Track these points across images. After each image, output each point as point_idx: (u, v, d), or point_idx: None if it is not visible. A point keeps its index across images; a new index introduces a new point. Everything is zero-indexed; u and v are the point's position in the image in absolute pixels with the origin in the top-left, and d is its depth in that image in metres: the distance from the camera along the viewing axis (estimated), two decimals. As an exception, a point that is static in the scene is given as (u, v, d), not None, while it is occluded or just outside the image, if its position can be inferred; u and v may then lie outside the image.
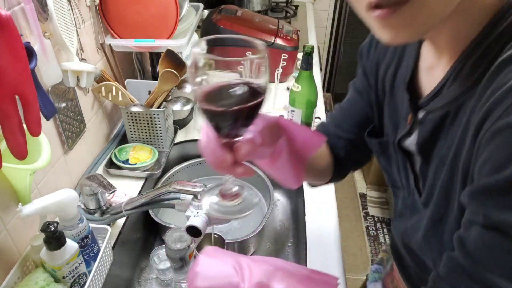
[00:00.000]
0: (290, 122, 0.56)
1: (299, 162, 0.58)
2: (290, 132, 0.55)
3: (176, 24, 1.07)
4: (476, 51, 0.43)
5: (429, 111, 0.51)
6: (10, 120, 0.55)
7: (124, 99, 1.06)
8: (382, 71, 0.62)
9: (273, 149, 0.54)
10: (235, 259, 0.57)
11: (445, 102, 0.48)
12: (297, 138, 0.56)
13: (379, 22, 0.40)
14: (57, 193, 0.69)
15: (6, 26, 0.52)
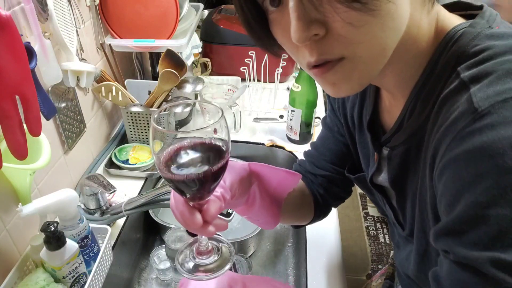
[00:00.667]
0: (262, 165, 0.57)
1: (274, 204, 0.60)
2: (263, 176, 0.57)
3: (176, 24, 1.07)
4: (422, 90, 0.45)
5: (392, 148, 0.53)
6: (10, 120, 0.55)
7: (124, 99, 1.06)
8: (349, 109, 0.63)
9: (246, 198, 0.55)
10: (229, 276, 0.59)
11: (405, 138, 0.49)
12: (271, 180, 0.57)
13: (319, 79, 0.42)
14: (57, 193, 0.69)
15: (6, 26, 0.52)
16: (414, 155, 0.49)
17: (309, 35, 0.37)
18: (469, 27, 0.42)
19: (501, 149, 0.33)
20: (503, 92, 0.35)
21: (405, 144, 0.50)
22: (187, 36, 1.12)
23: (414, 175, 0.50)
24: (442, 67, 0.43)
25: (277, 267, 1.02)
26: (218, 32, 1.43)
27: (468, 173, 0.35)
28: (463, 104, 0.37)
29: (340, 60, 0.39)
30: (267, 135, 1.24)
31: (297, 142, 1.20)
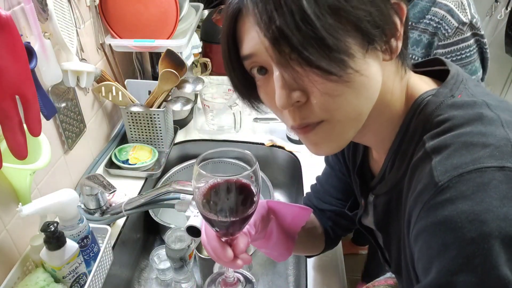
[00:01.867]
0: (278, 203, 0.62)
1: (289, 238, 0.64)
2: (278, 212, 0.62)
3: (176, 24, 1.07)
4: (399, 149, 0.49)
5: (376, 196, 0.57)
6: (10, 120, 0.55)
7: (124, 99, 1.06)
8: (346, 153, 0.67)
9: (264, 233, 0.61)
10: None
11: (386, 189, 0.53)
12: (286, 216, 0.62)
13: (302, 138, 0.47)
14: (57, 193, 0.69)
15: (6, 26, 0.52)
16: (395, 205, 0.53)
17: (291, 102, 0.42)
18: (433, 96, 0.46)
19: (459, 222, 0.36)
20: (459, 166, 0.38)
21: (387, 194, 0.54)
22: (187, 36, 1.12)
23: (397, 223, 0.53)
24: (413, 131, 0.47)
25: (277, 267, 1.02)
26: (218, 32, 1.43)
27: (436, 243, 0.38)
28: (427, 176, 0.40)
29: (320, 122, 0.43)
30: (267, 135, 1.24)
31: (297, 142, 1.20)
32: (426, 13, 1.08)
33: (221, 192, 0.46)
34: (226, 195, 0.46)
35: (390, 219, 0.55)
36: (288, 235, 0.64)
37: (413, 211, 0.42)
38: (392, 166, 0.51)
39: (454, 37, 1.05)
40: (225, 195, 0.46)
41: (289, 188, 1.25)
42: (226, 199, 0.46)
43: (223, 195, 0.46)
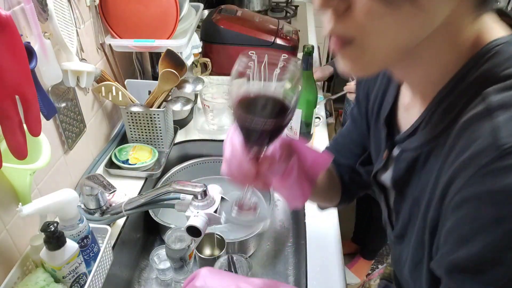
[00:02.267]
0: (301, 143, 0.58)
1: (307, 182, 0.61)
2: (300, 152, 0.58)
3: (176, 24, 1.07)
4: (445, 99, 0.43)
5: (403, 150, 0.52)
6: (10, 120, 0.55)
7: (124, 99, 1.06)
8: (371, 101, 0.63)
9: (285, 167, 0.57)
10: (236, 285, 0.56)
11: (417, 144, 0.48)
12: (307, 157, 0.58)
13: (335, 50, 0.42)
14: (57, 193, 0.69)
15: (6, 26, 0.52)
16: (422, 164, 0.48)
17: (329, 4, 0.38)
18: (505, 44, 0.40)
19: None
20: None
21: (416, 150, 0.49)
22: (187, 36, 1.12)
23: (418, 183, 0.49)
24: (470, 82, 0.41)
25: (277, 267, 1.02)
26: (218, 32, 1.43)
27: (488, 214, 0.34)
28: (487, 137, 0.36)
29: (350, 42, 0.39)
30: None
31: (297, 142, 1.20)
32: None
33: (258, 97, 0.46)
34: (264, 101, 0.46)
35: (411, 178, 0.51)
36: (307, 178, 0.61)
37: (459, 174, 0.38)
38: (429, 121, 0.46)
39: None
40: (263, 101, 0.46)
41: (289, 188, 1.25)
42: (263, 102, 0.47)
43: (261, 98, 0.47)
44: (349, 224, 1.99)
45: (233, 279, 0.57)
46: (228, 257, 0.86)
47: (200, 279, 0.58)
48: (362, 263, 1.94)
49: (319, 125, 1.29)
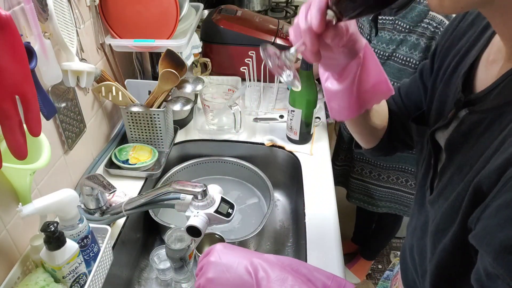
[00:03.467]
0: (373, 55, 0.54)
1: (358, 100, 0.57)
2: (367, 64, 0.54)
3: (176, 24, 1.07)
4: None
5: (471, 111, 0.48)
6: (10, 120, 0.55)
7: (124, 99, 1.06)
8: (451, 55, 0.58)
9: (344, 67, 0.53)
10: (249, 260, 0.53)
11: (487, 107, 0.45)
12: (370, 75, 0.54)
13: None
14: (57, 193, 0.69)
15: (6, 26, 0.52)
16: (482, 129, 0.45)
17: None
18: None
19: None
20: None
21: (483, 113, 0.45)
22: (187, 36, 1.12)
23: (471, 148, 0.46)
24: None
25: (277, 267, 1.02)
26: (218, 32, 1.43)
27: None
28: None
29: None
30: (267, 135, 1.24)
31: (297, 142, 1.20)
32: (424, 17, 1.08)
33: None
34: None
35: (466, 142, 0.48)
36: (359, 98, 0.57)
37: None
38: (507, 85, 0.43)
39: None
40: None
41: (289, 188, 1.25)
42: None
43: None
44: (349, 224, 1.99)
45: (246, 254, 0.55)
46: (228, 257, 0.86)
47: (214, 254, 0.56)
48: (362, 263, 1.94)
49: (319, 125, 1.29)
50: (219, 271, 0.53)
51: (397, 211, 1.51)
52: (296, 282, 0.48)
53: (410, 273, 0.66)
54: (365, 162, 1.44)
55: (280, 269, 0.49)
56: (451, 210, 0.48)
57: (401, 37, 1.12)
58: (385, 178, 1.43)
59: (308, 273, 0.52)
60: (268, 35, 1.43)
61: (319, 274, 0.53)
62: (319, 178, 1.09)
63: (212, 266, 0.54)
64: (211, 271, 0.54)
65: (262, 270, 0.50)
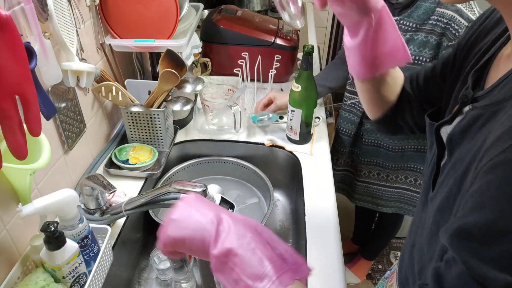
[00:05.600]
0: (391, 20, 0.56)
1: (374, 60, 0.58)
2: (383, 26, 0.55)
3: (176, 24, 1.07)
4: None
5: (474, 107, 0.48)
6: (10, 120, 0.55)
7: (124, 99, 1.06)
8: (472, 55, 0.59)
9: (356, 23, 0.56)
10: (216, 213, 0.50)
11: (486, 103, 0.45)
12: (387, 39, 0.56)
13: None
14: (57, 193, 0.69)
15: (6, 26, 0.52)
16: (479, 125, 0.45)
17: None
18: None
19: None
20: None
21: (481, 109, 0.45)
22: (187, 36, 1.12)
23: (467, 145, 0.46)
24: None
25: (277, 267, 1.02)
26: (218, 32, 1.43)
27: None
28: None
29: None
30: (267, 135, 1.24)
31: (297, 142, 1.20)
32: (431, 14, 1.07)
33: None
34: None
35: (464, 139, 0.48)
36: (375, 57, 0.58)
37: (502, 138, 0.36)
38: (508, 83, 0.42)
39: None
40: None
41: (289, 188, 1.25)
42: None
43: None
44: (349, 224, 1.99)
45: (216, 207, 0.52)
46: (228, 257, 0.86)
47: (185, 199, 0.54)
48: (362, 263, 1.94)
49: (319, 125, 1.29)
50: (185, 215, 0.52)
51: (405, 212, 1.50)
52: (253, 240, 0.46)
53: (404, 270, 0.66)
54: (373, 164, 1.42)
55: (243, 226, 0.47)
56: (444, 206, 0.48)
57: (407, 36, 1.12)
58: (393, 178, 1.42)
59: (269, 238, 0.49)
60: (268, 35, 1.43)
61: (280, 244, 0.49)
62: (319, 178, 1.09)
63: (179, 209, 0.53)
64: (176, 213, 0.53)
65: (226, 223, 0.48)
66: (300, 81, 1.11)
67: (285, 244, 0.49)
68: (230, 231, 0.46)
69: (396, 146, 1.33)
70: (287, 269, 0.43)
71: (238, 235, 0.45)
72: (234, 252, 0.44)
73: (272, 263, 0.44)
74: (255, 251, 0.44)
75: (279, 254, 0.46)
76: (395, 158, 1.36)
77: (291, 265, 0.45)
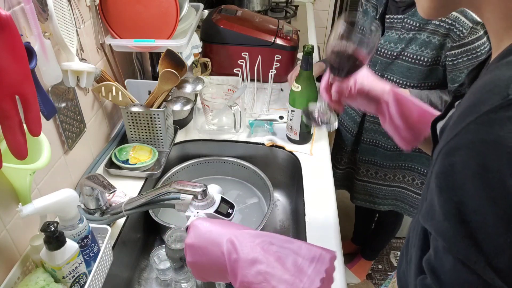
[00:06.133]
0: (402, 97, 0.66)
1: (411, 131, 0.65)
2: (400, 102, 0.66)
3: (176, 24, 1.07)
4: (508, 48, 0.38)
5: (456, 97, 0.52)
6: (10, 120, 0.56)
7: (124, 99, 1.06)
8: None
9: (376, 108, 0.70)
10: (227, 237, 0.53)
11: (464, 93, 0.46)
12: (411, 110, 0.64)
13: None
14: (57, 193, 0.69)
15: (6, 26, 0.52)
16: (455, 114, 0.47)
17: None
18: None
19: None
20: None
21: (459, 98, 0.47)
22: (187, 36, 1.12)
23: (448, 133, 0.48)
24: None
25: (277, 267, 1.02)
26: (218, 32, 1.43)
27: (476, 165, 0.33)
28: (499, 84, 0.33)
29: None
30: (267, 135, 1.24)
31: (297, 142, 1.20)
32: None
33: None
34: None
35: (446, 127, 0.49)
36: (411, 129, 0.65)
37: (459, 120, 0.36)
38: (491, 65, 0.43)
39: (469, 37, 1.03)
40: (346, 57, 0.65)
41: (289, 188, 1.25)
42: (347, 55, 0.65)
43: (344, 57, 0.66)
44: (349, 224, 1.99)
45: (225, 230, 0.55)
46: (228, 257, 0.86)
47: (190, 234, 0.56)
48: (362, 263, 1.94)
49: (319, 125, 1.29)
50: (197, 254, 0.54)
51: (401, 210, 1.50)
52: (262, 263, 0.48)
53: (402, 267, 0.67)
54: (371, 163, 1.42)
55: (251, 249, 0.50)
56: None
57: (411, 35, 1.12)
58: (391, 177, 1.42)
59: (280, 249, 0.51)
60: (268, 35, 1.43)
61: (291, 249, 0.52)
62: (319, 178, 1.09)
63: (188, 249, 0.55)
64: (188, 255, 0.55)
65: (235, 253, 0.50)
66: (300, 81, 1.11)
67: (297, 244, 0.51)
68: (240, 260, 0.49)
69: (394, 146, 1.33)
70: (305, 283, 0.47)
71: (249, 262, 0.48)
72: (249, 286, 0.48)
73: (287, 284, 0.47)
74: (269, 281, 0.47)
75: (292, 264, 0.48)
76: (393, 158, 1.36)
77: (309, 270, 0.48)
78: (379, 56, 1.21)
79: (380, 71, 1.22)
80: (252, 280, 0.47)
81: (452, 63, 1.08)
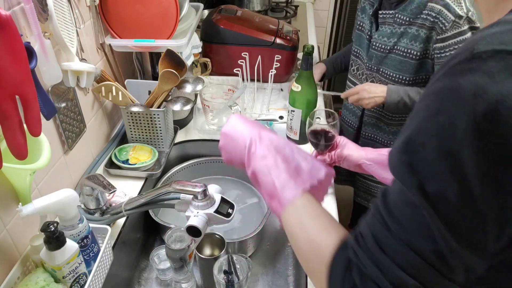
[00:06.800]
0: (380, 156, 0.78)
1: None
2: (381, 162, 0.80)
3: (176, 24, 1.07)
4: None
5: None
6: (10, 120, 0.56)
7: (124, 99, 1.06)
8: None
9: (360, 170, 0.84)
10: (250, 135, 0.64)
11: None
12: None
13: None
14: (57, 193, 0.69)
15: (6, 26, 0.52)
16: None
17: None
18: None
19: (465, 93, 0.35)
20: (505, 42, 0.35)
21: None
22: (187, 36, 1.12)
23: None
24: None
25: (277, 267, 1.02)
26: (218, 32, 1.43)
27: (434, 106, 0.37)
28: (471, 42, 0.37)
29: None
30: (267, 135, 1.24)
31: (297, 142, 1.20)
32: (423, 8, 1.10)
33: None
34: None
35: None
36: None
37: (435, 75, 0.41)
38: None
39: (451, 31, 1.07)
40: None
41: (289, 188, 1.25)
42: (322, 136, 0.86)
43: None
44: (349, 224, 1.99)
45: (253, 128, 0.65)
46: (228, 257, 0.86)
47: (227, 125, 0.66)
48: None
49: (319, 125, 1.29)
50: (227, 141, 0.66)
51: None
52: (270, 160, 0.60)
53: None
54: None
55: (266, 148, 0.61)
56: None
57: (402, 29, 1.15)
58: None
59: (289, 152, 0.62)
60: (268, 35, 1.43)
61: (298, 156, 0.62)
62: (319, 178, 1.09)
63: (222, 136, 0.66)
64: (221, 140, 0.66)
65: (254, 147, 0.62)
66: (300, 81, 1.11)
67: (305, 154, 0.63)
68: (256, 154, 0.61)
69: (392, 142, 1.34)
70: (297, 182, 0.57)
71: (262, 156, 0.60)
72: (256, 174, 0.60)
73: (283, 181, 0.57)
74: (270, 173, 0.58)
75: (294, 167, 0.59)
76: None
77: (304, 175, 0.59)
78: (374, 50, 1.24)
79: (375, 65, 1.25)
80: (259, 170, 0.60)
81: (438, 56, 1.12)
